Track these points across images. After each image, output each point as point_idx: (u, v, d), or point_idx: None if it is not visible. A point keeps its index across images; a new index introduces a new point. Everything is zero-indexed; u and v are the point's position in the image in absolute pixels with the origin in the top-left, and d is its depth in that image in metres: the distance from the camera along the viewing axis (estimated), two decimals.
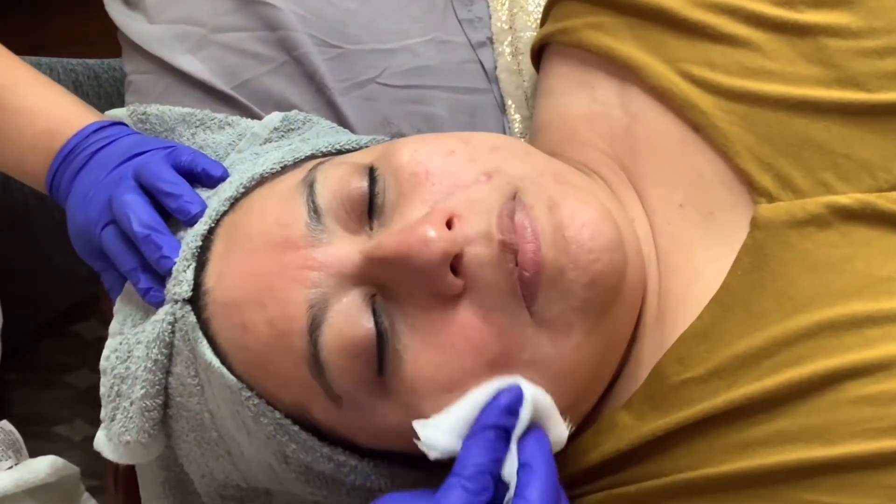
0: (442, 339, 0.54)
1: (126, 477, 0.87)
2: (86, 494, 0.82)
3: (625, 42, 0.64)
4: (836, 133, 0.57)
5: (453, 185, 0.56)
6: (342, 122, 0.77)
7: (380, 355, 0.54)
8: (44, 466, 0.75)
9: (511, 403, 0.53)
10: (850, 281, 0.54)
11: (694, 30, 0.61)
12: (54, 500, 0.78)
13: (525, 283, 0.54)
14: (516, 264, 0.54)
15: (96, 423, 0.66)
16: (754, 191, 0.58)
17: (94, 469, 0.87)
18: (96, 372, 0.66)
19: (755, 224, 0.57)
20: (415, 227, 0.53)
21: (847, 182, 0.56)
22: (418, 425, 0.54)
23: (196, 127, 0.74)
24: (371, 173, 0.57)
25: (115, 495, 0.89)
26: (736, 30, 0.60)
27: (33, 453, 0.81)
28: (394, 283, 0.55)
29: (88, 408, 0.68)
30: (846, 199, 0.56)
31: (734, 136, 0.59)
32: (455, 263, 0.54)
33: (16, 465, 0.77)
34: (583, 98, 0.67)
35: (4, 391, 0.89)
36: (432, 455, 0.54)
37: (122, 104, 0.84)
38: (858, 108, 0.56)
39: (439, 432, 0.54)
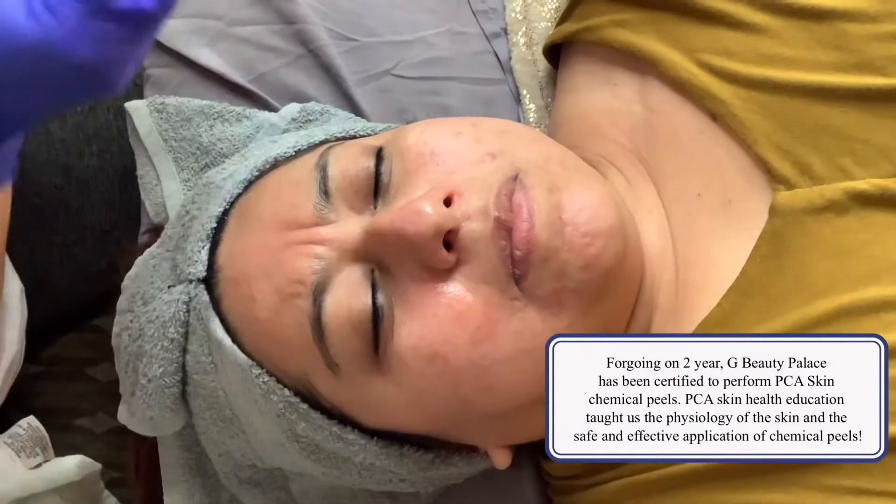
0: (426, 310, 0.54)
1: (147, 468, 0.87)
2: (106, 492, 0.83)
3: (646, 36, 0.64)
4: (853, 118, 0.57)
5: (457, 164, 0.57)
6: (358, 114, 0.78)
7: (375, 331, 0.55)
8: (72, 465, 0.76)
9: None
10: (868, 266, 0.55)
11: (712, 18, 0.61)
12: (79, 497, 0.78)
13: (516, 261, 0.54)
14: (510, 242, 0.54)
15: None
16: (773, 178, 0.58)
17: (117, 461, 0.88)
18: None
19: (774, 211, 0.57)
20: (411, 203, 0.54)
21: (865, 167, 0.56)
22: None
23: (214, 119, 0.75)
24: (379, 154, 0.58)
25: (136, 486, 0.89)
26: (754, 17, 0.60)
27: (56, 446, 0.81)
28: (390, 259, 0.56)
29: (110, 401, 0.69)
30: (864, 184, 0.56)
31: (752, 124, 0.59)
32: (451, 239, 0.54)
33: (44, 461, 0.78)
34: (605, 94, 0.67)
35: (27, 384, 0.89)
36: None
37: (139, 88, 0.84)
38: (876, 93, 0.56)
39: None
